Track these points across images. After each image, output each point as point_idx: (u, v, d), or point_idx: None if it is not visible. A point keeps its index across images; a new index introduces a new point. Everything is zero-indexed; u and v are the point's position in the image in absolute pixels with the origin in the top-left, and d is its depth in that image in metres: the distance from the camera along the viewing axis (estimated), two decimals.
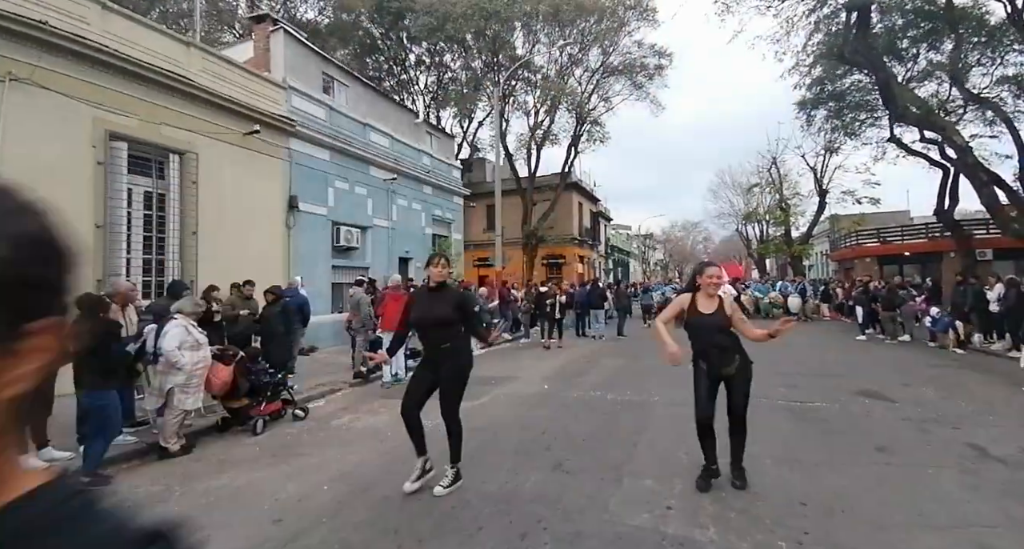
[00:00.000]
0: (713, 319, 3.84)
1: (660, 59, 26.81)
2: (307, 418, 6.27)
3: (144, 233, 8.98)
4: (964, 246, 19.79)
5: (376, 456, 4.78)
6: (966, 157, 15.65)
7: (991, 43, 18.92)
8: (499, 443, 5.10)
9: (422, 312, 4.02)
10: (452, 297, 4.06)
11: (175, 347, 4.91)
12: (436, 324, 3.95)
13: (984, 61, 19.92)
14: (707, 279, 3.90)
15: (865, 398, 6.60)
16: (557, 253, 31.02)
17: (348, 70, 14.45)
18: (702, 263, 4.17)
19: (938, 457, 4.48)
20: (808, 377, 8.20)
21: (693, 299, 3.95)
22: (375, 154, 14.17)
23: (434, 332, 3.99)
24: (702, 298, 3.92)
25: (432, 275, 4.06)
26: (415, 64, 28.98)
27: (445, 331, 3.96)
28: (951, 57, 18.10)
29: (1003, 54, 19.32)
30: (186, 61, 9.56)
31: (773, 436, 5.02)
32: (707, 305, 3.90)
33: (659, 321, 4.08)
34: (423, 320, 4.02)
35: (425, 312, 4.00)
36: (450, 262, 4.27)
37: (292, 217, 11.16)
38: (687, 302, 3.96)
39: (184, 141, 9.27)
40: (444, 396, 3.98)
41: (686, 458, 4.41)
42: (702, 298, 3.92)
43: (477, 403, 6.91)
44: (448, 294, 4.06)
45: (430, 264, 4.06)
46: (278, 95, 11.03)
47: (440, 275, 4.04)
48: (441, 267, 4.04)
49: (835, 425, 5.47)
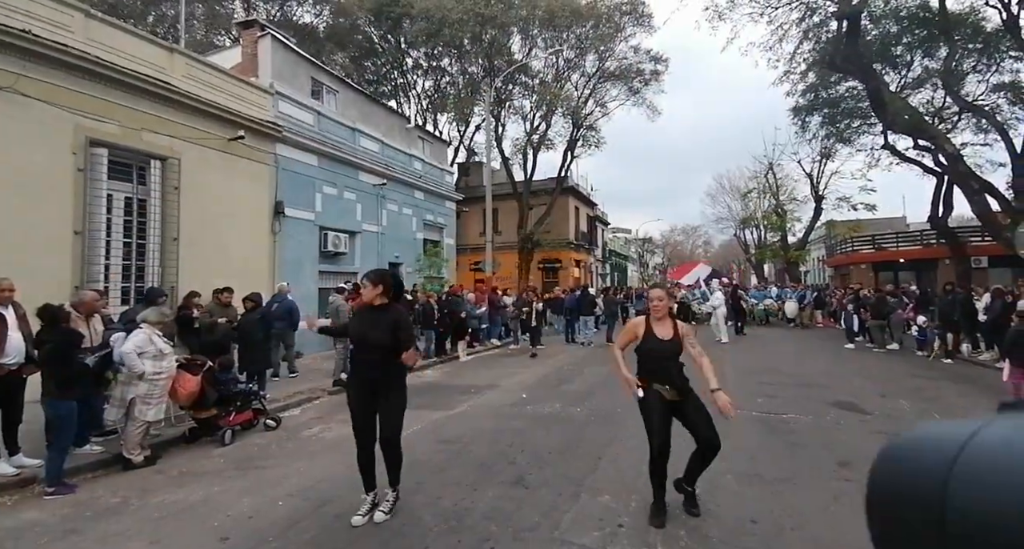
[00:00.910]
0: (669, 345, 3.65)
1: (656, 64, 26.89)
2: (279, 428, 6.25)
3: (124, 239, 9.00)
4: (959, 253, 19.76)
5: (340, 469, 4.75)
6: (957, 165, 15.65)
7: (987, 50, 18.91)
8: (464, 457, 5.08)
9: (359, 332, 3.79)
10: (390, 319, 3.72)
11: (131, 350, 4.88)
12: (374, 348, 3.69)
13: (980, 68, 19.92)
14: (650, 303, 3.75)
15: (839, 410, 6.57)
16: (553, 257, 31.03)
17: (338, 75, 14.48)
18: (653, 284, 4.12)
19: None
20: (787, 387, 8.17)
21: (648, 323, 3.75)
22: (365, 159, 14.20)
23: (371, 355, 3.71)
24: (656, 323, 3.73)
25: (365, 299, 3.83)
26: (412, 68, 29.03)
27: (383, 356, 3.67)
28: (945, 64, 18.10)
29: (999, 61, 19.31)
30: (169, 67, 9.59)
31: (739, 450, 5.00)
32: (663, 330, 3.70)
33: (615, 349, 3.91)
34: (360, 341, 3.80)
35: (363, 332, 3.76)
36: (387, 279, 3.86)
37: (278, 222, 11.17)
38: (642, 327, 3.75)
39: (166, 147, 9.28)
40: (382, 424, 3.70)
41: (647, 472, 4.39)
42: (656, 323, 3.73)
43: (452, 413, 6.92)
44: (389, 316, 3.73)
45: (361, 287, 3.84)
46: (265, 101, 11.05)
47: (370, 296, 3.77)
48: (369, 288, 3.77)
49: (803, 438, 5.45)
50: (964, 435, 0.42)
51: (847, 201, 27.65)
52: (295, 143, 11.63)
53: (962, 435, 0.42)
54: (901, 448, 0.48)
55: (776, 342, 14.68)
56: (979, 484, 0.39)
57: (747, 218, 38.60)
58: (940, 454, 0.42)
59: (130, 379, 4.98)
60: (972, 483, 0.39)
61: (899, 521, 0.45)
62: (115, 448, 5.23)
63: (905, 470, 0.46)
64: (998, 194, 17.01)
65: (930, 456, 0.43)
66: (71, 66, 7.93)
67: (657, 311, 3.71)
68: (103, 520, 3.87)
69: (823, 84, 23.05)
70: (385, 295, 3.79)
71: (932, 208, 20.26)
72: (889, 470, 0.47)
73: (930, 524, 0.41)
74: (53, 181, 7.69)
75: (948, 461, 0.41)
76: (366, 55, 28.73)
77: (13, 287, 4.82)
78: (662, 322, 3.73)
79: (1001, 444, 0.40)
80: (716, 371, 3.76)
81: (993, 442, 0.41)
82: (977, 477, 0.40)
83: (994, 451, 0.40)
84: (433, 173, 18.32)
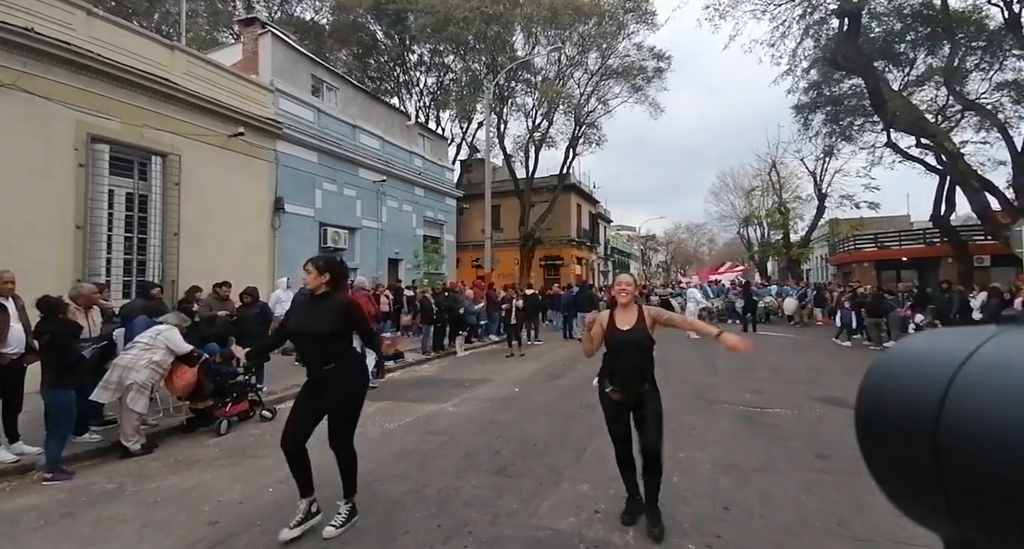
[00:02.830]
0: (632, 336, 3.39)
1: (659, 62, 26.85)
2: (275, 419, 6.39)
3: (126, 234, 9.16)
4: (961, 252, 19.72)
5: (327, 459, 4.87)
6: (957, 163, 15.64)
7: (990, 48, 18.81)
8: (452, 447, 5.20)
9: (298, 324, 3.48)
10: (335, 307, 3.40)
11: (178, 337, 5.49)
12: (314, 340, 3.39)
13: (983, 66, 19.81)
14: (616, 288, 3.55)
15: (826, 405, 6.67)
16: (555, 255, 31.14)
17: (338, 72, 14.60)
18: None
19: None
20: (777, 383, 8.26)
21: (612, 315, 3.54)
22: (365, 156, 14.32)
23: (313, 349, 3.42)
24: (620, 312, 3.51)
25: (307, 284, 3.52)
26: (416, 65, 29.09)
27: (325, 348, 3.38)
28: (947, 62, 18.02)
29: (1002, 59, 19.21)
30: (170, 64, 9.73)
31: (719, 442, 5.11)
32: (625, 319, 3.46)
33: (585, 341, 3.72)
34: (300, 332, 3.49)
35: (302, 323, 3.44)
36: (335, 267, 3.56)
37: (278, 218, 11.31)
38: (606, 319, 3.53)
39: (167, 143, 9.43)
40: (331, 425, 3.45)
41: None
42: (620, 312, 3.51)
43: (444, 406, 7.04)
44: (331, 303, 3.41)
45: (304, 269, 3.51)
46: (265, 98, 11.19)
47: (315, 284, 3.45)
48: (315, 275, 3.43)
49: (785, 430, 5.55)
50: (967, 348, 0.40)
51: (850, 199, 27.55)
52: (295, 140, 11.77)
53: (965, 348, 0.40)
54: (898, 361, 0.45)
55: (773, 339, 14.73)
56: (976, 400, 0.37)
57: (750, 216, 38.51)
58: (939, 369, 0.41)
59: (135, 362, 5.13)
60: (969, 398, 0.38)
61: (889, 436, 0.43)
62: (114, 437, 5.39)
63: (901, 385, 0.43)
64: (998, 193, 16.96)
65: (928, 371, 0.41)
66: (73, 63, 8.08)
67: (621, 296, 3.47)
68: (98, 505, 4.01)
69: (826, 81, 22.99)
70: (331, 284, 3.48)
71: (935, 207, 20.20)
72: (882, 384, 0.45)
73: (923, 439, 0.39)
74: (55, 176, 7.85)
75: (947, 376, 0.40)
76: (368, 52, 28.83)
77: (14, 279, 4.97)
78: (626, 310, 3.49)
79: (1001, 359, 0.38)
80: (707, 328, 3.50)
81: (994, 357, 0.39)
82: (975, 392, 0.38)
83: (994, 366, 0.38)
84: (433, 170, 18.44)
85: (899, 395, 0.43)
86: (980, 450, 0.36)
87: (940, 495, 0.38)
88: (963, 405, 0.38)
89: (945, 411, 0.38)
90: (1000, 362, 0.38)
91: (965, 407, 0.38)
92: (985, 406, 0.37)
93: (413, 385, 8.61)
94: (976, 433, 0.36)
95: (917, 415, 0.40)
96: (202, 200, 9.75)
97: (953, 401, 0.38)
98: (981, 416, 0.36)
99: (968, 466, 0.37)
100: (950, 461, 0.37)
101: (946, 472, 0.38)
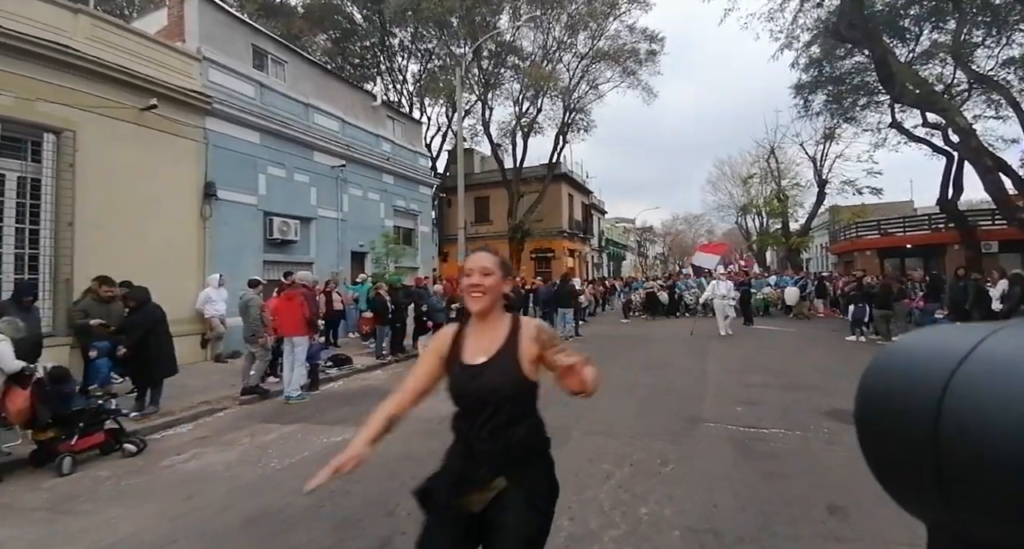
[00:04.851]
0: (488, 377, 1.70)
1: (652, 44, 25.63)
2: (144, 451, 5.10)
3: (17, 224, 7.86)
4: (968, 238, 18.60)
5: (161, 522, 3.58)
6: (969, 140, 14.32)
7: (996, 22, 17.59)
8: (339, 503, 3.77)
9: None
10: None
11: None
12: None
13: (989, 43, 18.66)
14: (465, 282, 1.80)
15: (834, 422, 5.39)
16: (545, 247, 29.94)
17: (286, 44, 13.12)
18: None
19: (910, 528, 3.27)
20: (776, 390, 6.99)
21: (458, 335, 1.82)
22: (320, 138, 12.96)
23: None
24: (476, 330, 1.80)
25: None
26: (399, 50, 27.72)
27: None
28: (954, 36, 16.85)
29: (1009, 35, 18.05)
30: (72, 30, 8.39)
31: (697, 488, 3.82)
32: (480, 346, 1.76)
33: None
34: None
35: None
36: None
37: (209, 206, 9.96)
38: (447, 342, 1.82)
39: (61, 118, 8.09)
40: None
41: (578, 504, 3.26)
42: (476, 330, 1.80)
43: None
44: None
45: None
46: (190, 67, 9.80)
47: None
48: None
49: (785, 465, 4.26)
50: (968, 343, 0.40)
51: (852, 185, 26.35)
52: (230, 117, 10.40)
53: (966, 343, 0.40)
54: (898, 354, 0.45)
55: (771, 335, 13.47)
56: (979, 396, 0.37)
57: (747, 205, 37.26)
58: (940, 363, 0.40)
59: None
60: (971, 395, 0.37)
61: (890, 429, 0.43)
62: None
63: (902, 376, 0.43)
64: (1012, 172, 15.78)
65: (929, 365, 0.41)
66: None
67: (472, 296, 1.76)
68: None
69: (827, 58, 21.73)
70: None
71: (941, 190, 19.08)
72: (884, 375, 0.45)
73: (924, 431, 0.39)
74: None
75: (948, 370, 0.39)
76: (346, 37, 27.44)
77: None
78: (485, 326, 1.78)
79: (1006, 354, 0.38)
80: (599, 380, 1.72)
81: (998, 352, 0.38)
82: (977, 386, 0.37)
83: (997, 362, 0.38)
84: (404, 155, 17.05)
85: (900, 390, 0.43)
86: (980, 443, 0.36)
87: (937, 485, 0.39)
88: (963, 399, 0.38)
89: (945, 405, 0.38)
90: (1000, 358, 0.38)
91: (965, 401, 0.38)
92: (985, 401, 0.37)
93: (346, 400, 7.31)
94: (975, 426, 0.36)
95: (918, 409, 0.40)
96: (108, 184, 8.41)
97: (953, 395, 0.38)
98: (981, 410, 0.36)
99: (968, 459, 0.37)
100: (949, 454, 0.38)
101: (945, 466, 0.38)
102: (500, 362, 1.70)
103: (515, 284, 12.24)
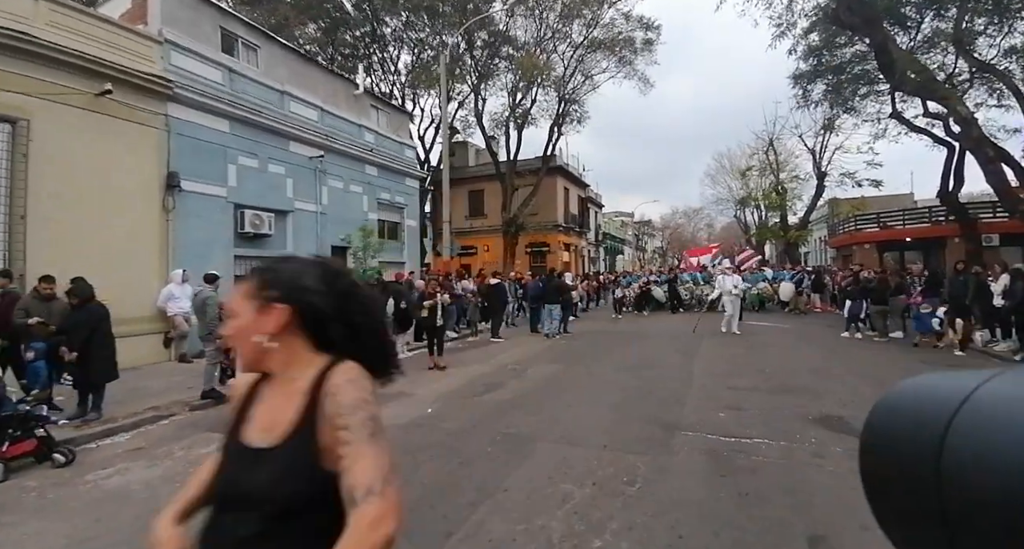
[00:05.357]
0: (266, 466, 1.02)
1: (648, 32, 25.05)
2: (73, 463, 4.69)
3: None
4: (969, 231, 18.16)
5: (67, 546, 3.20)
6: (971, 130, 13.85)
7: (998, 10, 17.06)
8: None
9: None
10: None
11: None
12: None
13: (991, 31, 18.11)
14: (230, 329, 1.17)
15: (822, 430, 4.97)
16: (540, 241, 29.53)
17: (259, 27, 12.58)
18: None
19: None
20: (763, 393, 6.57)
21: (245, 401, 1.16)
22: (297, 127, 12.47)
23: None
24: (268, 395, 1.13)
25: None
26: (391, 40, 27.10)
27: None
28: (956, 23, 16.33)
29: (1011, 23, 17.51)
30: (32, 15, 7.92)
31: (665, 512, 3.40)
32: (268, 415, 1.10)
33: None
34: None
35: None
36: None
37: (172, 198, 9.50)
38: (239, 400, 1.18)
39: (15, 106, 7.63)
40: None
41: (523, 536, 2.84)
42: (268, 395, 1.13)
43: None
44: None
45: None
46: (150, 51, 9.29)
47: None
48: None
49: (765, 484, 3.83)
50: (968, 386, 0.40)
51: (851, 177, 25.90)
52: (195, 103, 9.91)
53: (966, 386, 0.40)
54: (901, 397, 0.46)
55: (764, 331, 13.05)
56: (978, 436, 0.37)
57: (745, 198, 36.76)
58: (941, 405, 0.40)
59: None
60: (971, 435, 0.38)
61: (892, 473, 0.43)
62: None
63: (902, 420, 0.43)
64: (1014, 163, 15.31)
65: (931, 406, 0.41)
66: None
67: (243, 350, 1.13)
68: None
69: (827, 46, 21.17)
70: None
71: (942, 182, 18.63)
72: (885, 419, 0.45)
73: (925, 475, 0.39)
74: None
75: (949, 412, 0.39)
76: (337, 26, 26.82)
77: None
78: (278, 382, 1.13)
79: (1005, 397, 0.38)
80: None
81: (997, 395, 0.39)
82: (977, 429, 0.38)
83: (997, 404, 0.38)
84: (389, 146, 16.54)
85: (902, 435, 0.43)
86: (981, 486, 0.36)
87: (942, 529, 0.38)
88: (963, 442, 0.38)
89: (946, 448, 0.38)
90: (998, 401, 0.38)
91: (965, 444, 0.38)
92: (984, 443, 0.37)
93: None
94: (976, 469, 0.36)
95: (919, 452, 0.40)
96: (63, 175, 7.96)
97: (953, 439, 0.38)
98: (980, 453, 0.36)
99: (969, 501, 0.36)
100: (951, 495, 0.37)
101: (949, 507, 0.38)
102: (287, 445, 1.03)
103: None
